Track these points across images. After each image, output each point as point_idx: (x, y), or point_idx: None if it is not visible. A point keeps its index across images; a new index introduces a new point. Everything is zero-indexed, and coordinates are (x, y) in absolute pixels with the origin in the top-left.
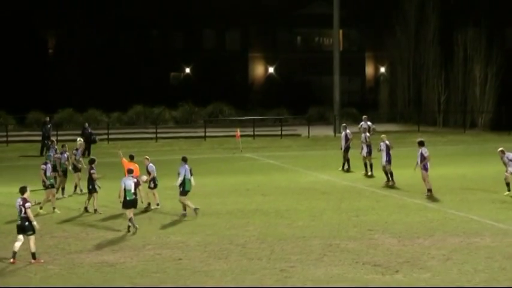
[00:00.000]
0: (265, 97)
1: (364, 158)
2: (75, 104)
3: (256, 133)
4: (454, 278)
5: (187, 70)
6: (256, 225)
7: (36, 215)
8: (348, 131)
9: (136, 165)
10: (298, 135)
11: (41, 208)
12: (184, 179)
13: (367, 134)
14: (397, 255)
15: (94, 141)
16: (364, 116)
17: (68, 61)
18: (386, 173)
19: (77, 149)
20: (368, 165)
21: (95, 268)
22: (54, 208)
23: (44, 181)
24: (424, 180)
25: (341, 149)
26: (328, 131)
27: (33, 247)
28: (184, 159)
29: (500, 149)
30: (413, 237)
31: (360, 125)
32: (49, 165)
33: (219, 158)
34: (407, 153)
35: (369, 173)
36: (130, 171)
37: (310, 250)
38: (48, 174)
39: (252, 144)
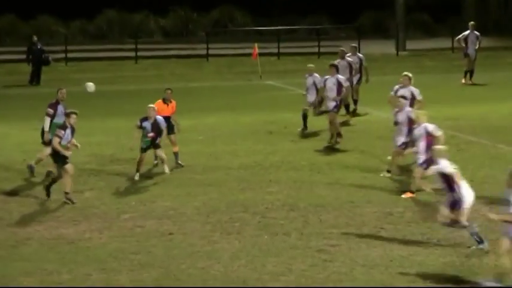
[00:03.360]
0: None
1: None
2: (18, 9)
3: (281, 51)
4: None
5: None
6: (283, 184)
7: None
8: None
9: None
10: None
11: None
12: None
13: (360, 55)
14: (488, 229)
15: (46, 62)
16: (472, 23)
17: None
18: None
19: None
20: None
21: (48, 246)
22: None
23: None
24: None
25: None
26: (387, 48)
27: None
28: None
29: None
30: None
31: (463, 35)
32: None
33: (228, 87)
34: (503, 79)
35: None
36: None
37: (360, 221)
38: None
39: (276, 67)
